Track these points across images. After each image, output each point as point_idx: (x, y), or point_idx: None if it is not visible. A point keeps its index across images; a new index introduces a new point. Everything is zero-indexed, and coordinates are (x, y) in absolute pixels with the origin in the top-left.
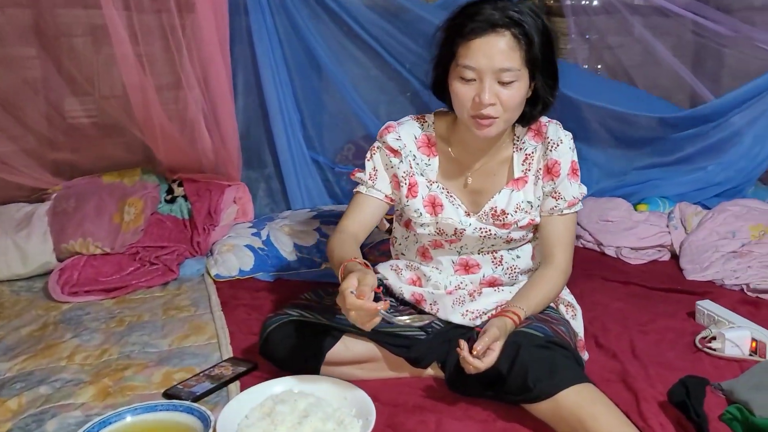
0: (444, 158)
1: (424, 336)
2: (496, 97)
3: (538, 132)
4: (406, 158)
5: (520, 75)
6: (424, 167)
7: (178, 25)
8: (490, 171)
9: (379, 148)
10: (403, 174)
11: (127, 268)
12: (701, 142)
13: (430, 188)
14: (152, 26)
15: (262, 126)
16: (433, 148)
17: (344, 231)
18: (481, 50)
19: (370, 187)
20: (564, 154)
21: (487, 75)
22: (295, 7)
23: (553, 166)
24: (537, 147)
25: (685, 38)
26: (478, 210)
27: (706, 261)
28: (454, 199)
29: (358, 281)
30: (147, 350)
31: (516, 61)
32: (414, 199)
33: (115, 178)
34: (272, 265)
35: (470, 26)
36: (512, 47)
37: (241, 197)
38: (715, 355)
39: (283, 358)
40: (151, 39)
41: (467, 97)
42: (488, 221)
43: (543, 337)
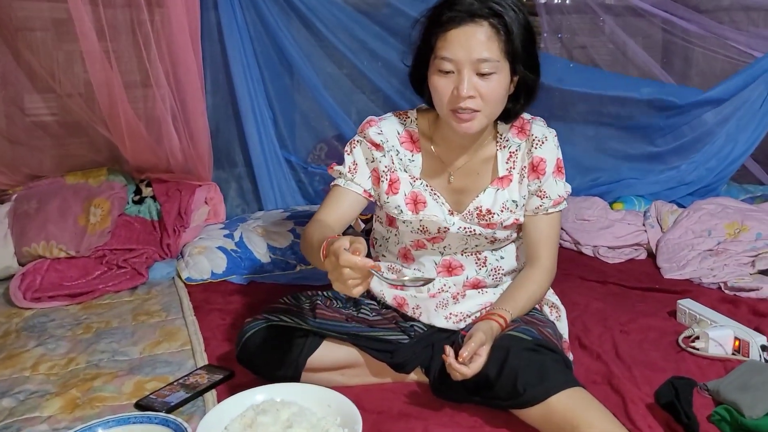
0: (427, 155)
1: (407, 340)
2: (476, 89)
3: (522, 129)
4: (388, 153)
5: (500, 67)
6: (407, 163)
7: (147, 20)
8: (473, 169)
9: (360, 142)
10: (384, 168)
11: (94, 272)
12: (674, 140)
13: (413, 185)
14: (120, 21)
15: (232, 124)
16: (417, 144)
17: (320, 221)
18: (459, 41)
19: (349, 180)
20: (549, 152)
21: (465, 66)
22: (265, 4)
23: (538, 164)
24: (521, 144)
25: (656, 37)
26: (462, 209)
27: (683, 259)
28: (438, 197)
29: (350, 242)
30: (117, 358)
31: (494, 52)
32: (395, 195)
33: (80, 178)
34: (245, 267)
35: (448, 16)
36: (490, 37)
37: (212, 198)
38: (699, 355)
39: (261, 365)
40: (118, 34)
41: (446, 90)
42: (473, 221)
43: (531, 340)
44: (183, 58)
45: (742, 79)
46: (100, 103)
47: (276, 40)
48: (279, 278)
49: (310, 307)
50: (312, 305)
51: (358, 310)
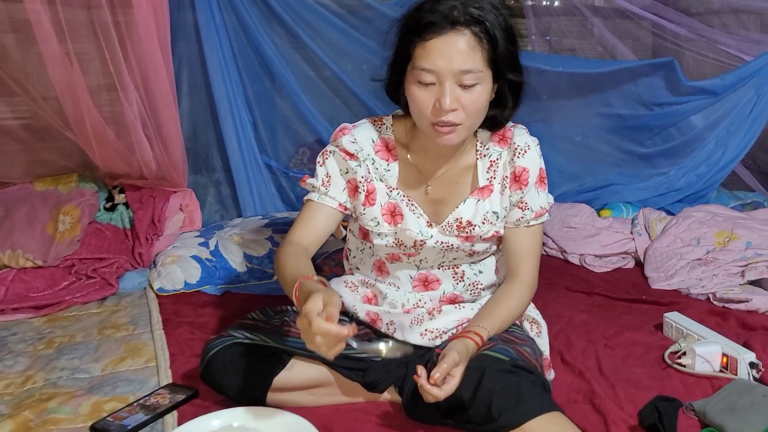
0: (403, 164)
1: (380, 358)
2: (458, 101)
3: (503, 137)
4: (363, 162)
5: (483, 77)
6: (383, 173)
7: (110, 22)
8: (451, 179)
9: (333, 152)
10: (361, 179)
11: (61, 283)
12: (662, 143)
13: (389, 195)
14: (81, 22)
15: (211, 128)
16: (393, 151)
17: (294, 242)
18: (439, 51)
19: (322, 194)
20: (532, 161)
21: (446, 78)
22: (242, 4)
23: (520, 175)
24: (502, 153)
25: (645, 40)
26: (441, 221)
27: (671, 269)
28: (416, 208)
29: (324, 303)
30: (76, 376)
31: (478, 62)
32: (372, 207)
33: (49, 184)
34: (220, 277)
35: (427, 25)
36: (473, 47)
37: (187, 204)
38: (685, 372)
39: (226, 385)
40: (80, 36)
41: (426, 103)
42: (452, 233)
43: (508, 361)
44: (151, 61)
45: (731, 79)
46: (64, 107)
47: (254, 42)
48: (255, 289)
49: (279, 323)
50: (281, 321)
51: None
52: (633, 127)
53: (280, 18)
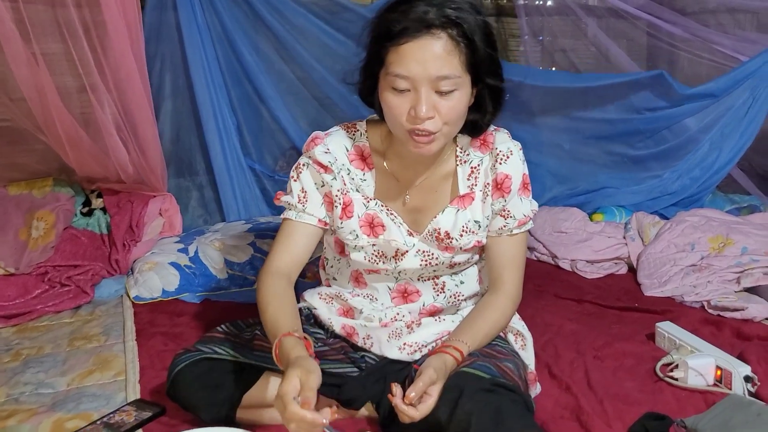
0: (380, 173)
1: (357, 373)
2: (435, 109)
3: (484, 142)
4: (338, 173)
5: (461, 82)
6: (359, 183)
7: (77, 21)
8: (430, 187)
9: (307, 165)
10: (337, 192)
11: (34, 291)
12: (655, 146)
13: (366, 206)
14: (46, 21)
15: (194, 131)
16: (368, 160)
17: (275, 272)
18: (414, 56)
19: (300, 212)
20: (515, 168)
21: (422, 84)
22: (222, 5)
23: (503, 182)
24: (483, 159)
25: (640, 40)
26: (421, 230)
27: (665, 275)
28: (395, 217)
29: (301, 384)
30: (40, 391)
31: (455, 67)
32: (349, 220)
33: (23, 189)
34: (200, 284)
35: (400, 27)
36: (450, 51)
37: (167, 209)
38: (677, 386)
39: (193, 403)
40: (46, 36)
41: (401, 111)
42: (431, 243)
43: (488, 379)
44: (123, 62)
45: (725, 81)
46: (33, 109)
47: (234, 45)
48: (235, 296)
49: (250, 336)
50: (252, 335)
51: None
52: (624, 132)
53: (262, 20)
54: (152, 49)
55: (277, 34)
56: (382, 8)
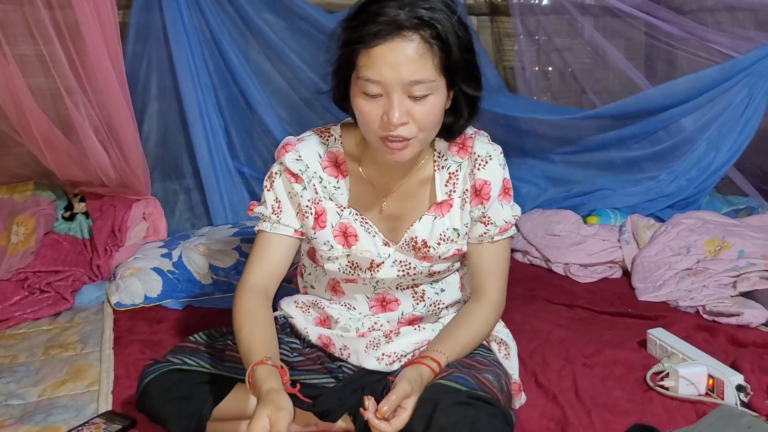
0: (355, 179)
1: (333, 383)
2: (408, 114)
3: (463, 146)
4: (309, 183)
5: (435, 86)
6: (332, 191)
7: (47, 21)
8: (408, 193)
9: (279, 174)
10: (307, 203)
11: (12, 298)
12: (650, 147)
13: (340, 215)
14: (15, 21)
15: (180, 133)
16: (342, 166)
17: (252, 289)
18: (385, 59)
19: (275, 222)
20: (494, 173)
21: (394, 89)
22: (208, 6)
23: (481, 188)
24: (462, 164)
25: (637, 40)
26: (398, 239)
27: (659, 279)
28: (370, 227)
29: (271, 423)
30: (10, 402)
31: (429, 71)
32: (322, 230)
33: (4, 193)
34: (183, 290)
35: (371, 30)
36: (423, 54)
37: (151, 213)
38: (668, 395)
39: (163, 416)
40: (15, 36)
41: (373, 116)
42: (408, 252)
43: (465, 392)
44: (98, 63)
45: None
46: (6, 110)
47: (219, 46)
48: (218, 302)
49: (222, 347)
50: (224, 345)
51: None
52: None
53: (248, 22)
54: (138, 50)
55: (263, 35)
56: (352, 9)
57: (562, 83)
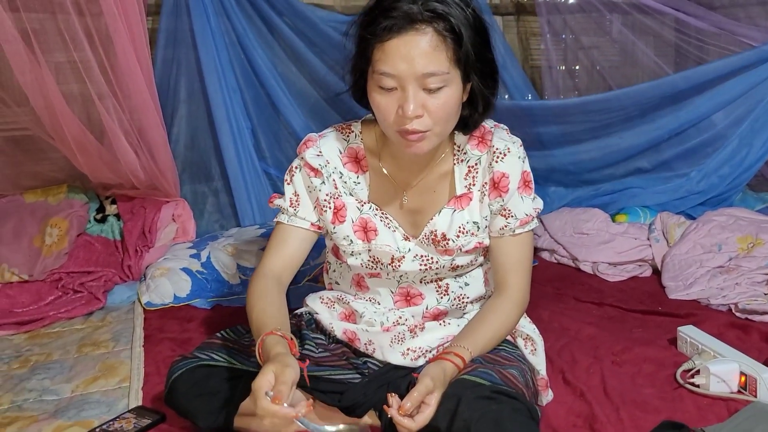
0: (375, 175)
1: (359, 379)
2: (424, 107)
3: (482, 140)
4: (329, 177)
5: (450, 79)
6: (352, 186)
7: (78, 28)
8: (428, 187)
9: (299, 168)
10: (325, 197)
11: (47, 297)
12: (681, 144)
13: (361, 210)
14: (49, 30)
15: (209, 135)
16: (363, 162)
17: (266, 275)
18: (399, 53)
19: (292, 215)
20: (512, 166)
21: (409, 82)
22: (234, 11)
23: (500, 180)
24: (481, 157)
25: (666, 36)
26: (418, 233)
27: (690, 277)
28: (391, 221)
29: (276, 377)
30: (44, 398)
31: (442, 63)
32: (342, 224)
33: (39, 196)
34: (212, 290)
35: (385, 24)
36: (436, 47)
37: (180, 214)
38: (699, 393)
39: (190, 410)
40: (48, 42)
41: (389, 110)
42: (429, 246)
43: (488, 386)
44: (127, 68)
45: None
46: (40, 115)
47: (245, 49)
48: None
49: (248, 343)
50: (249, 341)
51: (302, 346)
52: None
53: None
54: (168, 54)
55: (286, 38)
56: (367, 5)
57: (589, 81)
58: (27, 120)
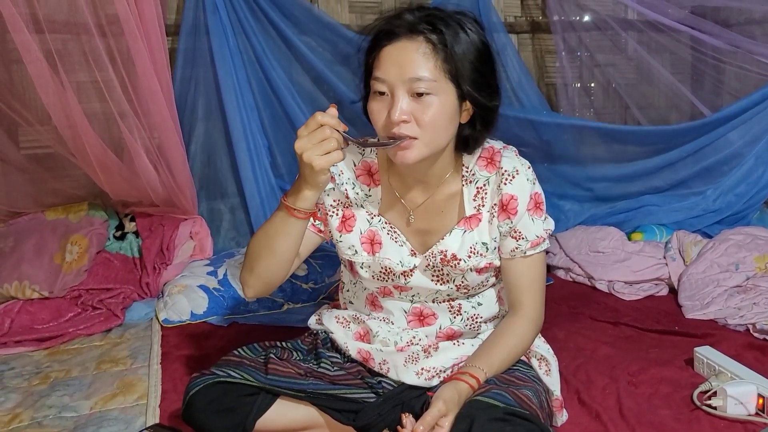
0: (387, 190)
1: (373, 398)
2: (411, 113)
3: (491, 161)
4: (341, 186)
5: (438, 88)
6: (364, 198)
7: (101, 48)
8: (436, 208)
9: None
10: (332, 202)
11: (66, 314)
12: (697, 163)
13: (370, 223)
14: (70, 49)
15: (225, 153)
16: (375, 176)
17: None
18: (391, 58)
19: None
20: (521, 188)
21: (397, 87)
22: (252, 30)
23: (508, 203)
24: (490, 179)
25: (682, 54)
26: (426, 251)
27: (707, 297)
28: (399, 236)
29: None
30: (63, 415)
31: (429, 70)
32: (348, 234)
33: (60, 214)
34: (228, 307)
35: (383, 33)
36: (425, 54)
37: (198, 232)
38: (716, 415)
39: (207, 426)
40: (71, 63)
41: (380, 116)
42: (436, 263)
43: (502, 408)
44: (148, 87)
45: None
46: (63, 134)
47: (264, 68)
48: (262, 319)
49: (264, 360)
50: (266, 358)
51: (318, 364)
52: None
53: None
54: (187, 74)
55: (305, 57)
56: (375, 20)
57: (605, 99)
58: (49, 138)
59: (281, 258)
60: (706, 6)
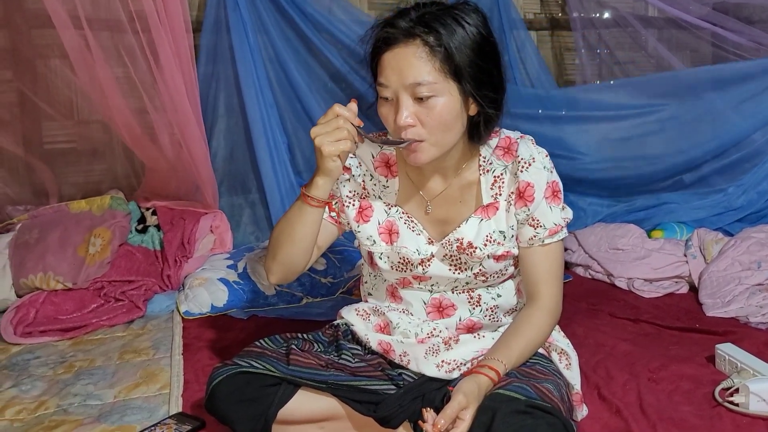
0: (403, 180)
1: (394, 390)
2: (416, 116)
3: (508, 150)
4: (358, 177)
5: (440, 89)
6: (381, 189)
7: (135, 45)
8: (453, 197)
9: None
10: (348, 193)
11: (90, 305)
12: (718, 161)
13: (388, 213)
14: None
15: (246, 149)
16: (393, 167)
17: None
18: (391, 64)
19: None
20: (537, 175)
21: (400, 92)
22: (272, 28)
23: (525, 190)
24: (507, 167)
25: (703, 51)
26: (443, 239)
27: (728, 295)
28: (416, 225)
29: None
30: (88, 402)
31: (429, 73)
32: (366, 224)
33: (84, 206)
34: (248, 300)
35: (381, 38)
36: (422, 57)
37: (218, 226)
38: (738, 412)
39: (229, 417)
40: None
41: (389, 120)
42: (452, 251)
43: (524, 401)
44: (173, 83)
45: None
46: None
47: (284, 65)
48: (282, 312)
49: (287, 351)
50: (288, 349)
51: (339, 356)
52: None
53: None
54: (208, 71)
55: (325, 55)
56: (374, 23)
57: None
58: (73, 133)
59: (300, 245)
60: (728, 2)
